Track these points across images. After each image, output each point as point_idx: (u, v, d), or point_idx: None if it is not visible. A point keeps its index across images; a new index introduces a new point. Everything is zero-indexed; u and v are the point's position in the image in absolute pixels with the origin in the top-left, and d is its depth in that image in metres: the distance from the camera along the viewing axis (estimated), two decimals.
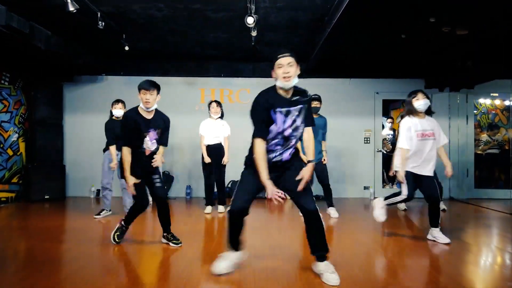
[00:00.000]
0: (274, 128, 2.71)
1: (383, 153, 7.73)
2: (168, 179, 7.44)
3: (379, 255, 3.70)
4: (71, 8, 4.12)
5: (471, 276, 3.07)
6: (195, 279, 2.85)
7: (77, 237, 4.20)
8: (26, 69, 6.80)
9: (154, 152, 3.66)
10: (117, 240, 3.78)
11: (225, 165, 5.75)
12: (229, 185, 7.58)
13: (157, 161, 3.65)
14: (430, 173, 3.94)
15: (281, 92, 2.73)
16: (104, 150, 5.36)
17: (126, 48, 5.82)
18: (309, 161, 2.81)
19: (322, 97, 5.63)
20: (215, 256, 3.11)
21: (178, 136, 7.57)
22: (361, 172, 7.65)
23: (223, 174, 5.78)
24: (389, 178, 7.89)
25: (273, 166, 2.77)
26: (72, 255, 3.47)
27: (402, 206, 6.19)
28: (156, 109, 3.69)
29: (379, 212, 4.24)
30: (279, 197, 2.62)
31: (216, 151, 5.65)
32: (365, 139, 7.67)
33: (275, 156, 2.79)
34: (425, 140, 3.90)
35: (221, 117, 5.88)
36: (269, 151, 2.77)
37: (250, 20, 4.50)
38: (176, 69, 7.60)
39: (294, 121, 2.73)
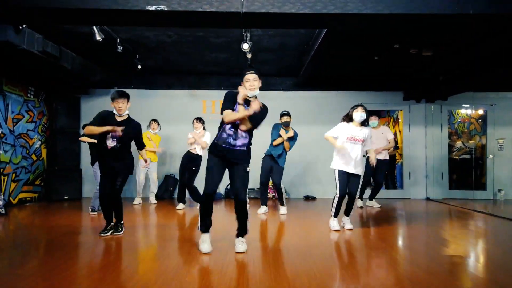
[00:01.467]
0: None
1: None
2: (175, 182, 8.28)
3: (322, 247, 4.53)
4: (98, 38, 5.01)
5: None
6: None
7: (90, 231, 4.91)
8: (49, 84, 7.68)
9: (114, 149, 4.20)
10: (101, 234, 4.41)
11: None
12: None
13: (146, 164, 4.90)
14: (358, 173, 4.78)
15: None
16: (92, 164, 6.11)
17: (139, 66, 6.72)
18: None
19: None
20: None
21: (182, 144, 8.44)
22: None
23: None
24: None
25: (225, 148, 3.53)
26: (86, 245, 4.23)
27: (359, 203, 7.02)
28: (128, 116, 4.39)
29: (332, 224, 4.95)
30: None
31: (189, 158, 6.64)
32: None
33: (227, 139, 3.51)
34: (353, 143, 4.74)
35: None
36: (226, 135, 3.52)
37: (245, 46, 5.40)
38: (180, 83, 8.49)
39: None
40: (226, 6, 3.64)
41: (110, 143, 4.20)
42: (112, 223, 4.53)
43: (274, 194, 8.37)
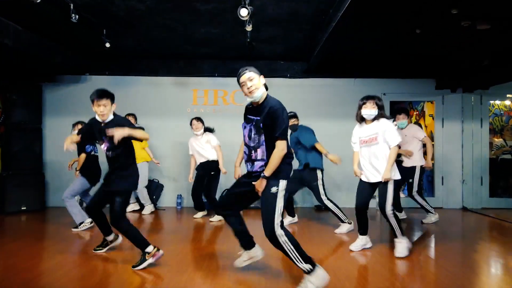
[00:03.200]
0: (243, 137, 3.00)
1: None
2: (157, 187, 6.85)
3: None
4: None
5: None
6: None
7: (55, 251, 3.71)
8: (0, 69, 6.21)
9: (109, 157, 3.50)
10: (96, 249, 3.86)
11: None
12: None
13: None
14: (377, 179, 3.81)
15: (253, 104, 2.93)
16: None
17: (107, 45, 5.23)
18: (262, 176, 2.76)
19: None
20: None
21: (168, 141, 6.99)
22: None
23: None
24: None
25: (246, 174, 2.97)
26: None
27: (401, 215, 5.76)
28: (113, 117, 3.48)
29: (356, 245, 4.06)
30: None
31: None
32: None
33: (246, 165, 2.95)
34: (367, 147, 3.89)
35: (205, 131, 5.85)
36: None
37: (243, 12, 3.91)
38: (166, 69, 7.01)
39: (251, 131, 2.87)
40: None
41: (105, 151, 3.51)
42: (108, 238, 3.86)
43: None
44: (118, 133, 3.12)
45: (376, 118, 3.84)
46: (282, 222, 2.71)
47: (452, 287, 3.00)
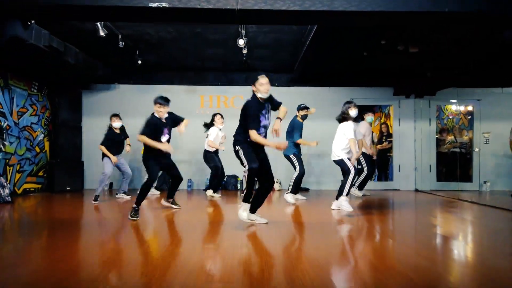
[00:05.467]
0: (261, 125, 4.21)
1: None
2: None
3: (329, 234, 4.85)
4: (102, 34, 5.31)
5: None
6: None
7: (92, 220, 5.27)
8: (52, 79, 7.96)
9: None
10: (134, 218, 4.67)
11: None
12: (225, 179, 8.74)
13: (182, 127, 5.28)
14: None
15: (261, 100, 4.19)
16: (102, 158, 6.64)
17: (139, 62, 7.02)
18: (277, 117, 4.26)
19: (306, 103, 6.64)
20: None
21: (180, 137, 8.74)
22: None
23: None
24: None
25: (259, 145, 4.21)
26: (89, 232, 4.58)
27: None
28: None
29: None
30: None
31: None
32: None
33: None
34: None
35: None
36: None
37: (241, 42, 5.71)
38: (179, 79, 8.79)
39: (268, 116, 4.26)
40: (222, 3, 3.94)
41: (163, 139, 5.05)
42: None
43: None
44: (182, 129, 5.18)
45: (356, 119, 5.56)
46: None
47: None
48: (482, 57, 6.78)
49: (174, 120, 5.20)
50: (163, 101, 4.94)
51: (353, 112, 5.32)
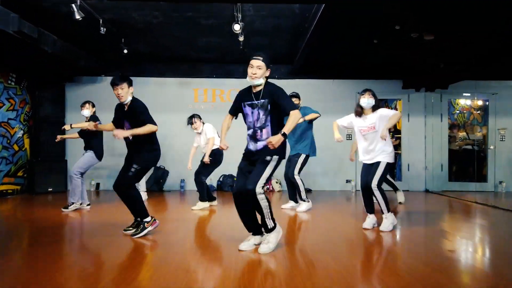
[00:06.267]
0: (247, 120, 3.31)
1: None
2: (163, 173, 7.96)
3: (351, 243, 4.24)
4: (78, 17, 4.64)
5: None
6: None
7: (74, 227, 4.68)
8: (31, 70, 7.30)
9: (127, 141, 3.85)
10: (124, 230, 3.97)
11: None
12: (221, 179, 8.13)
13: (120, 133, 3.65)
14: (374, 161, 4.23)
15: (252, 89, 3.26)
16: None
17: (125, 51, 6.36)
18: (281, 133, 3.02)
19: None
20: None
21: (172, 133, 8.11)
22: (344, 166, 8.21)
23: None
24: None
25: (245, 155, 3.35)
26: (71, 242, 3.98)
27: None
28: (131, 100, 3.83)
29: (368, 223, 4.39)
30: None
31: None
32: (347, 135, 8.23)
33: (247, 146, 3.33)
34: (365, 135, 4.28)
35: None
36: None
37: (236, 27, 5.06)
38: (171, 71, 8.13)
39: (259, 114, 3.19)
40: None
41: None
42: (138, 219, 3.94)
43: (268, 186, 8.08)
44: (120, 135, 3.58)
45: (373, 108, 4.21)
46: (263, 187, 3.12)
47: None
48: (499, 47, 6.14)
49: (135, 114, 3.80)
50: (113, 81, 3.75)
51: (363, 100, 4.23)
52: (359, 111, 4.32)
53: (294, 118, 3.03)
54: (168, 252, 3.25)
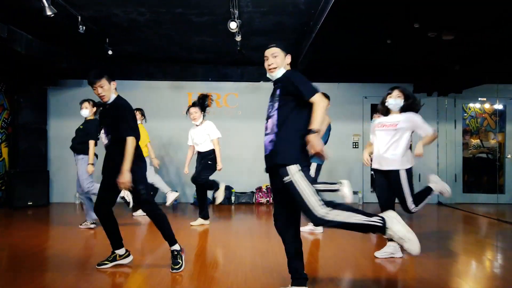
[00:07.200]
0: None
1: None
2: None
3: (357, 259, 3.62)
4: (49, 13, 4.01)
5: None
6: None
7: (56, 246, 4.10)
8: (7, 73, 6.67)
9: (108, 146, 3.22)
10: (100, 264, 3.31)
11: None
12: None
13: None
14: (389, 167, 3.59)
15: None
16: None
17: (110, 52, 5.74)
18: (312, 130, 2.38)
19: None
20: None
21: (164, 141, 7.48)
22: (350, 176, 7.58)
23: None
24: None
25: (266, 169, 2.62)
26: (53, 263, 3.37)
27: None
28: (115, 99, 3.21)
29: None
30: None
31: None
32: (354, 143, 7.64)
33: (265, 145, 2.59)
34: (382, 130, 3.63)
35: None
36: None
37: (233, 25, 4.44)
38: (162, 73, 7.50)
39: (273, 103, 2.59)
40: None
41: (103, 139, 3.24)
42: (115, 252, 3.30)
43: (268, 198, 7.46)
44: (126, 182, 2.96)
45: (402, 110, 3.59)
46: (322, 200, 2.34)
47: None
48: None
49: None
50: (89, 79, 3.14)
51: (390, 100, 3.59)
52: (383, 110, 3.67)
53: (319, 107, 2.37)
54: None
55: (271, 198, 7.49)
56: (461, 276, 3.27)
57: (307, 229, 4.85)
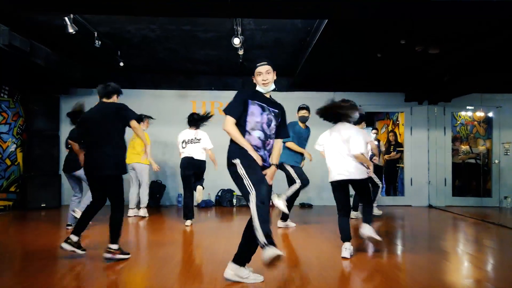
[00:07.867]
0: (252, 119, 2.92)
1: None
2: (160, 187, 7.75)
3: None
4: (71, 30, 4.47)
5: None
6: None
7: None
8: (25, 83, 7.11)
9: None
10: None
11: None
12: (219, 193, 7.92)
13: None
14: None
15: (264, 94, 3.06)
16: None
17: (121, 64, 6.18)
18: (271, 164, 2.97)
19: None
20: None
21: (170, 147, 7.89)
22: None
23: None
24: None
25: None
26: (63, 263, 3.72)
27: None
28: None
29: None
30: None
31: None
32: None
33: (260, 151, 2.96)
34: None
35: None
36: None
37: (236, 41, 4.89)
38: (168, 83, 7.95)
39: (271, 120, 2.96)
40: None
41: None
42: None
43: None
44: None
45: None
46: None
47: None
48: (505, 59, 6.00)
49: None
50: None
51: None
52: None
53: (280, 150, 3.14)
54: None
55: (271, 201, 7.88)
56: (451, 272, 3.68)
57: (282, 224, 5.35)
